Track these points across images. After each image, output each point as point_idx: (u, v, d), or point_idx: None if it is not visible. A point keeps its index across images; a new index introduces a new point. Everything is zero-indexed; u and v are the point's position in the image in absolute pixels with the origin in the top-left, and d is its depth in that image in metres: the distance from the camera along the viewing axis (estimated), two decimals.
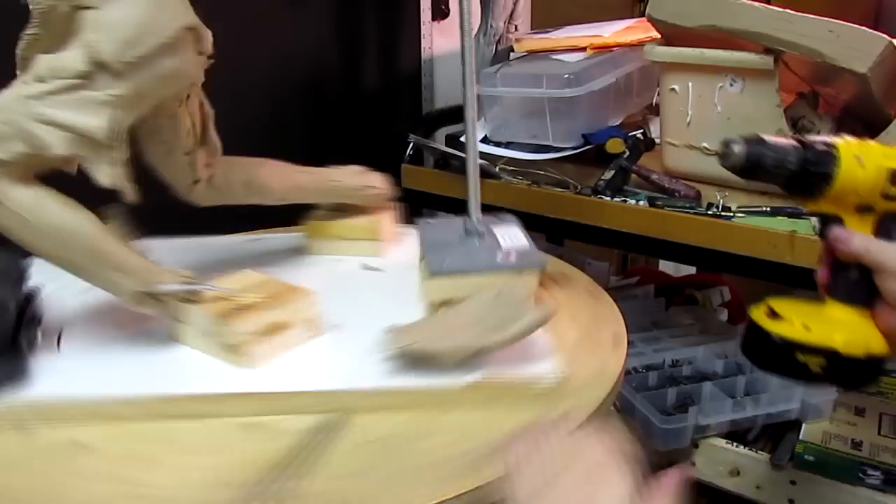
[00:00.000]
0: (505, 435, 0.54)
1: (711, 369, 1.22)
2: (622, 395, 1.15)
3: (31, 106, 0.63)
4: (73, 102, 0.63)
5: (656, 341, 1.29)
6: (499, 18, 1.34)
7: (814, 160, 0.65)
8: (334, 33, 1.46)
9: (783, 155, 0.65)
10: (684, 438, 1.11)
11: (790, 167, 0.65)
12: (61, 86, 0.63)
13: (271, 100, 1.28)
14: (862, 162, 0.65)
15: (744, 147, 0.65)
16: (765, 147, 0.65)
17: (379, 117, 1.52)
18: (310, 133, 1.41)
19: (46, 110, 0.63)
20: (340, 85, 1.49)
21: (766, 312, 0.71)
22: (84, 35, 0.64)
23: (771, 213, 1.02)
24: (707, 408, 1.12)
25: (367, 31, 1.53)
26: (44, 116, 0.63)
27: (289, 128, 1.36)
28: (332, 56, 1.47)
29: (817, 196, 0.67)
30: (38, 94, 0.63)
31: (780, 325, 0.69)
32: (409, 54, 1.59)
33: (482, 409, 0.65)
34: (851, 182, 0.65)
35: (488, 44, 1.34)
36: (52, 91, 0.63)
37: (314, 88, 1.43)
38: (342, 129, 1.46)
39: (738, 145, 0.65)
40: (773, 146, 0.65)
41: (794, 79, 1.11)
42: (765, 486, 1.09)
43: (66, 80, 0.63)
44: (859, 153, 0.66)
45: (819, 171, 0.65)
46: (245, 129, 0.64)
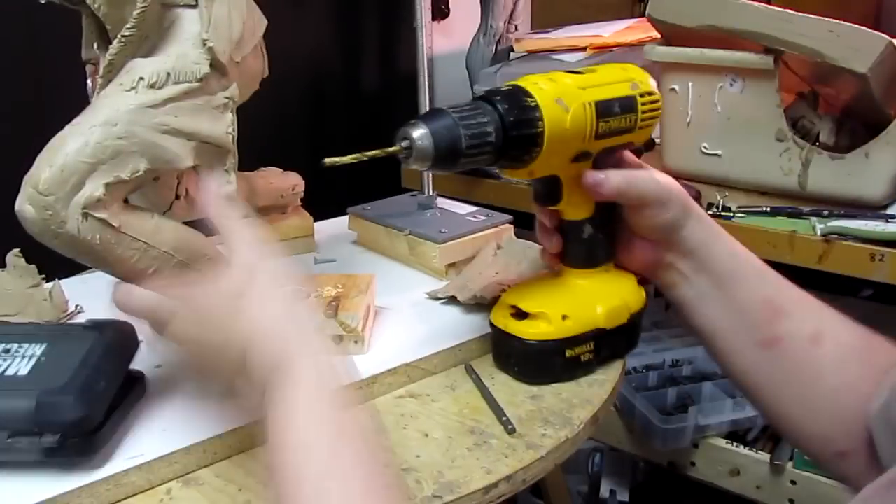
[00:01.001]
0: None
1: (711, 369, 1.22)
2: (622, 395, 1.16)
3: (152, 115, 0.54)
4: (195, 108, 0.57)
5: (656, 341, 1.29)
6: (499, 18, 1.34)
7: (515, 120, 0.54)
8: (334, 33, 1.46)
9: (480, 128, 0.53)
10: (684, 438, 1.11)
11: (490, 139, 0.53)
12: (181, 91, 0.56)
13: (271, 100, 1.28)
14: (564, 105, 0.56)
15: (427, 133, 0.52)
16: (453, 122, 0.52)
17: (379, 117, 1.52)
18: (310, 133, 1.41)
19: (170, 119, 0.55)
20: (340, 85, 1.49)
21: (513, 314, 0.64)
22: (189, 34, 0.58)
23: (771, 213, 1.02)
24: (707, 408, 1.12)
25: (367, 31, 1.53)
26: (169, 126, 0.55)
27: (288, 128, 1.36)
28: (332, 56, 1.47)
29: (528, 162, 0.57)
30: (158, 102, 0.55)
31: (535, 326, 0.62)
32: (409, 54, 1.58)
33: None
34: (560, 132, 0.56)
35: (488, 44, 1.34)
36: (172, 97, 0.55)
37: (314, 88, 1.43)
38: (342, 129, 1.46)
39: (419, 130, 0.52)
40: (463, 117, 0.53)
41: (794, 79, 1.11)
42: (765, 486, 1.09)
43: (186, 84, 0.56)
44: (558, 94, 0.56)
45: (525, 133, 0.55)
46: (245, 129, 0.63)
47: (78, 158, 0.52)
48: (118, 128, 0.53)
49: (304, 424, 0.45)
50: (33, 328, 0.60)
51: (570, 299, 0.64)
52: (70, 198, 0.52)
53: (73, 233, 0.52)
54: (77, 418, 0.50)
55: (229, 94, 0.59)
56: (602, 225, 0.64)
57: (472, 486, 0.53)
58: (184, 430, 0.56)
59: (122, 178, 0.53)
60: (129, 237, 0.55)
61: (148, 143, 0.54)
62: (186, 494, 0.53)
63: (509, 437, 0.58)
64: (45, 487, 0.50)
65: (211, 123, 0.58)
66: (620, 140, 0.62)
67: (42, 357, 0.54)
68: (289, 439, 0.45)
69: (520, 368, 0.65)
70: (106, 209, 0.53)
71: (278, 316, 0.50)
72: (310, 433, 0.45)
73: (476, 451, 0.56)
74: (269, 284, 0.51)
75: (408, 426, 0.60)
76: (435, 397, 0.64)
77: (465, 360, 0.69)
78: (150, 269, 0.56)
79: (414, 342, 0.69)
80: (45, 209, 0.51)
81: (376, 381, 0.64)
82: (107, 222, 0.53)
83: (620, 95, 0.60)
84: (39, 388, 0.51)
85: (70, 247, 0.53)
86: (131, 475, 0.53)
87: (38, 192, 0.51)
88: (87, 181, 0.52)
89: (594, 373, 0.66)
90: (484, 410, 0.61)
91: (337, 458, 0.44)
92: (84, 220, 0.52)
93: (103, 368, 0.54)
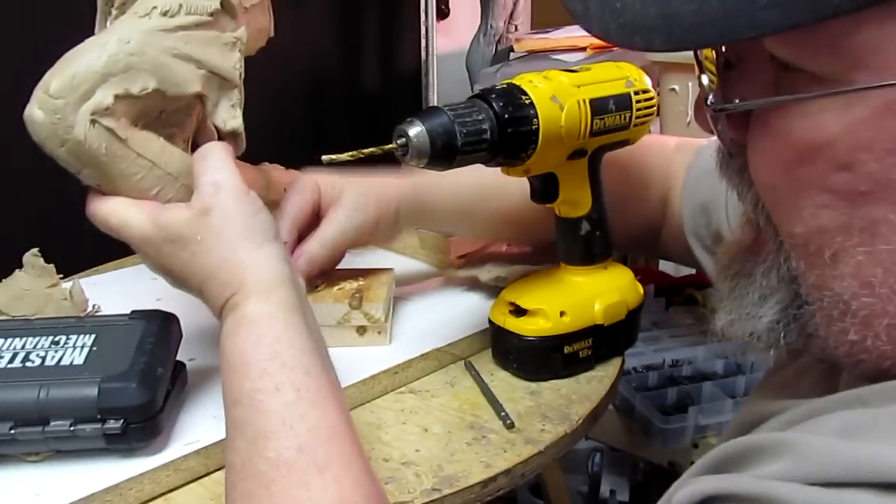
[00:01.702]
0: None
1: (711, 369, 1.22)
2: (622, 395, 1.15)
3: (163, 38, 0.55)
4: (205, 39, 0.58)
5: (656, 341, 1.29)
6: (499, 18, 1.34)
7: (510, 118, 0.54)
8: (334, 33, 1.46)
9: (475, 125, 0.54)
10: (684, 438, 1.11)
11: (486, 137, 0.54)
12: (192, 21, 0.57)
13: (271, 100, 1.28)
14: (559, 102, 0.57)
15: (423, 131, 0.53)
16: (448, 121, 0.53)
17: (379, 117, 1.52)
18: (310, 132, 1.41)
19: (181, 45, 0.56)
20: (341, 84, 1.49)
21: (511, 311, 0.65)
22: None
23: None
24: (707, 408, 1.12)
25: (368, 30, 1.53)
26: (179, 51, 0.56)
27: (289, 128, 1.36)
28: (333, 56, 1.47)
29: (524, 159, 0.57)
30: (170, 28, 0.56)
31: (534, 322, 0.63)
32: (409, 54, 1.59)
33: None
34: (555, 129, 0.57)
35: (488, 44, 1.34)
36: (183, 26, 0.57)
37: (315, 88, 1.43)
38: (342, 128, 1.46)
39: (415, 128, 0.53)
40: (458, 115, 0.53)
41: None
42: None
43: (198, 16, 0.57)
44: (553, 92, 0.57)
45: (520, 130, 0.55)
46: (245, 128, 0.64)
47: (90, 67, 0.53)
48: (131, 45, 0.54)
49: (241, 350, 0.47)
50: (75, 321, 0.60)
51: (568, 296, 0.64)
52: (80, 103, 0.52)
53: (80, 138, 0.52)
54: (141, 403, 0.51)
55: (238, 34, 0.60)
56: (599, 222, 0.64)
57: (471, 480, 0.53)
58: None
59: (132, 92, 0.54)
60: (134, 153, 0.54)
61: (158, 64, 0.55)
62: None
63: (508, 432, 0.58)
64: (106, 475, 0.51)
65: (220, 56, 0.59)
66: (616, 137, 0.63)
67: (94, 347, 0.55)
68: (229, 365, 0.47)
69: (518, 365, 0.65)
70: (114, 119, 0.53)
71: (235, 243, 0.50)
72: (247, 357, 0.47)
73: (475, 446, 0.57)
74: (232, 204, 0.51)
75: (407, 421, 0.60)
76: (434, 393, 0.64)
77: (464, 357, 0.69)
78: (153, 189, 0.55)
79: (416, 338, 0.69)
80: (53, 112, 0.51)
81: (376, 380, 0.64)
82: (114, 132, 0.53)
83: (615, 93, 0.61)
84: (100, 375, 0.52)
85: (75, 155, 0.53)
86: (190, 460, 0.54)
87: (49, 95, 0.52)
88: (97, 90, 0.53)
89: (593, 369, 0.67)
90: (483, 406, 0.62)
91: (269, 376, 0.46)
92: (91, 127, 0.52)
93: (158, 355, 0.55)
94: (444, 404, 0.62)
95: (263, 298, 0.49)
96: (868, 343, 0.35)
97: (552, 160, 0.59)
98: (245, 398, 0.46)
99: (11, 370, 0.53)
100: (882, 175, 0.32)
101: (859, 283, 0.34)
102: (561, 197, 0.62)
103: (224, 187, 0.51)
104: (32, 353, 0.55)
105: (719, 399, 1.13)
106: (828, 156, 0.33)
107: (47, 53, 0.55)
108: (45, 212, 1.00)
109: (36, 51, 0.57)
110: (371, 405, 0.63)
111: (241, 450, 0.44)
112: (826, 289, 0.35)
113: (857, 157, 0.32)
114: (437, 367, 0.67)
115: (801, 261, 0.37)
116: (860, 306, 0.34)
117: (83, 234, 0.81)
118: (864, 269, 0.34)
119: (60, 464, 0.52)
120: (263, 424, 0.44)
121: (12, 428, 0.50)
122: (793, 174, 0.35)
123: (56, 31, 0.75)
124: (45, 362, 0.54)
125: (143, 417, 0.52)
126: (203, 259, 0.50)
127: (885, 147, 0.31)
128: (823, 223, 0.34)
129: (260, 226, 0.51)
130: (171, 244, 0.51)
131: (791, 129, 0.34)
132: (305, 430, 0.44)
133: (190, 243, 0.50)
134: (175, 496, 0.53)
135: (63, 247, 0.55)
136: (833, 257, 0.34)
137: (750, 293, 0.40)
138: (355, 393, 0.62)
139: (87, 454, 0.52)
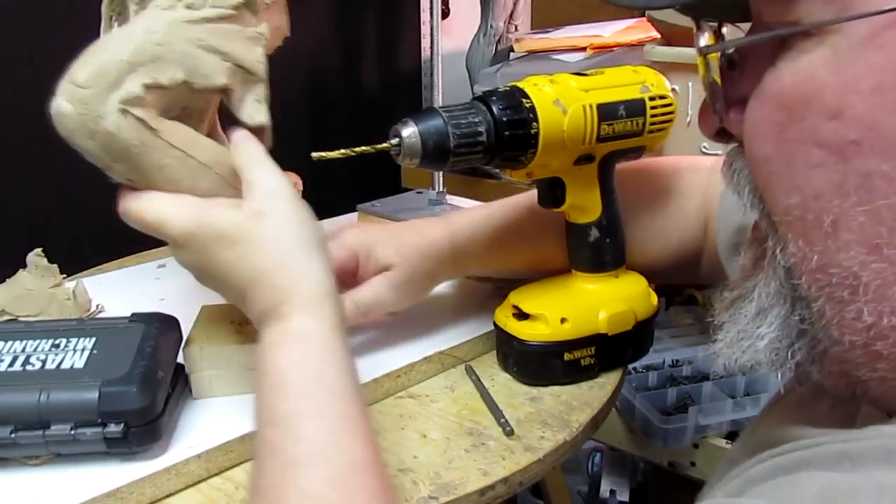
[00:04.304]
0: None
1: (711, 369, 1.22)
2: (622, 395, 1.15)
3: (189, 30, 0.55)
4: (229, 32, 0.57)
5: (656, 341, 1.28)
6: (499, 18, 1.34)
7: (508, 121, 0.54)
8: (334, 33, 1.46)
9: (470, 127, 0.53)
10: (684, 438, 1.11)
11: (481, 139, 0.54)
12: (216, 14, 0.56)
13: (272, 99, 1.28)
14: (562, 106, 0.56)
15: (416, 131, 0.53)
16: (442, 122, 0.53)
17: (379, 117, 1.52)
18: (310, 132, 1.41)
19: (206, 36, 0.55)
20: (341, 84, 1.49)
21: (515, 314, 0.64)
22: None
23: None
24: (707, 408, 1.12)
25: (367, 30, 1.53)
26: (205, 42, 0.55)
27: (289, 128, 1.36)
28: (333, 56, 1.47)
29: (525, 163, 0.56)
30: (196, 19, 0.55)
31: (534, 327, 0.62)
32: (410, 54, 1.59)
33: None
34: (556, 134, 0.56)
35: (488, 44, 1.34)
36: (208, 18, 0.56)
37: (315, 88, 1.43)
38: (342, 128, 1.46)
39: (408, 128, 0.53)
40: (453, 117, 0.53)
41: None
42: None
43: (222, 9, 0.57)
44: (557, 96, 0.56)
45: (518, 133, 0.54)
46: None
47: (117, 56, 0.52)
48: (157, 35, 0.53)
49: (285, 368, 0.46)
50: (76, 323, 0.60)
51: (572, 303, 0.63)
52: (109, 93, 0.51)
53: (111, 129, 0.51)
54: (141, 407, 0.51)
55: (261, 29, 0.59)
56: (609, 230, 0.63)
57: (469, 488, 0.53)
58: (236, 420, 0.56)
59: (161, 82, 0.52)
60: (167, 143, 0.53)
61: (185, 54, 0.54)
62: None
63: (507, 438, 0.58)
64: (107, 479, 0.51)
65: (244, 49, 0.58)
66: (627, 144, 0.62)
67: (94, 350, 0.55)
68: (270, 380, 0.46)
69: (518, 369, 0.65)
70: (144, 109, 0.52)
71: (288, 249, 0.50)
72: (290, 375, 0.46)
73: (473, 453, 0.56)
74: (287, 210, 0.51)
75: (406, 427, 0.60)
76: (434, 398, 0.64)
77: (467, 360, 0.69)
78: (187, 180, 0.54)
79: (419, 341, 0.69)
80: (82, 103, 0.50)
81: (378, 383, 0.63)
82: (145, 122, 0.52)
83: (627, 98, 0.60)
84: (101, 378, 0.52)
85: (106, 147, 0.51)
86: (191, 464, 0.53)
87: (77, 85, 0.50)
88: (126, 79, 0.51)
89: (597, 377, 0.66)
90: (483, 412, 0.61)
91: (311, 399, 0.45)
92: (122, 117, 0.51)
93: (159, 358, 0.55)
94: (444, 409, 0.62)
95: (312, 312, 0.48)
96: (885, 323, 0.34)
97: (556, 165, 0.59)
98: (282, 420, 0.44)
99: (12, 373, 0.53)
100: (870, 118, 0.32)
101: (866, 248, 0.33)
102: (568, 202, 0.62)
103: (280, 195, 0.51)
104: (33, 356, 0.55)
105: (719, 399, 1.13)
106: (817, 106, 0.33)
107: (48, 56, 0.54)
108: (48, 212, 1.00)
109: (36, 52, 0.57)
110: (370, 409, 0.62)
111: (271, 473, 0.43)
112: (832, 266, 0.35)
113: (844, 102, 0.32)
114: (440, 371, 0.67)
115: (799, 240, 0.36)
116: (871, 276, 0.33)
117: (86, 233, 0.82)
118: (868, 230, 0.33)
119: (61, 467, 0.52)
120: (298, 450, 0.43)
121: (13, 431, 0.50)
122: (785, 137, 0.35)
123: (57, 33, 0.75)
124: (46, 365, 0.54)
125: (143, 421, 0.52)
126: (253, 261, 0.49)
127: (870, 84, 0.32)
128: (818, 186, 0.34)
129: (312, 234, 0.51)
130: (216, 242, 0.50)
131: (783, 88, 0.35)
132: (340, 462, 0.43)
133: (239, 243, 0.49)
134: (175, 500, 0.53)
135: (66, 247, 0.55)
136: (833, 224, 0.34)
137: (747, 310, 0.40)
138: None
139: (88, 458, 0.52)
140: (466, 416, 0.61)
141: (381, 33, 1.55)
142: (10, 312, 0.70)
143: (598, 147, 0.59)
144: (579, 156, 0.59)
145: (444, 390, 0.65)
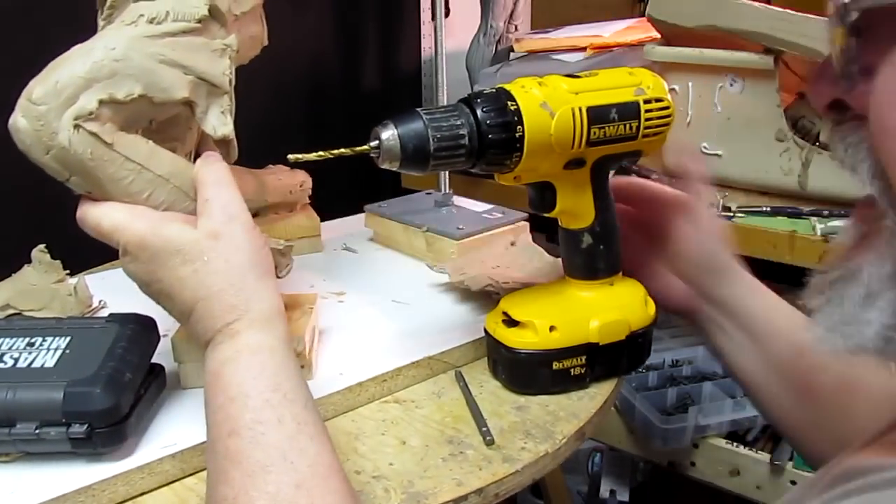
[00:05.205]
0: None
1: (711, 369, 1.22)
2: (622, 395, 1.15)
3: (150, 45, 0.56)
4: (193, 46, 0.58)
5: (656, 341, 1.29)
6: (499, 18, 1.34)
7: (491, 124, 0.53)
8: (334, 33, 1.46)
9: (451, 130, 0.52)
10: (684, 438, 1.11)
11: (463, 143, 0.53)
12: (179, 28, 0.57)
13: (271, 99, 1.28)
14: (550, 109, 0.55)
15: (394, 134, 0.52)
16: (422, 125, 0.52)
17: (379, 117, 1.53)
18: (310, 133, 1.41)
19: (167, 51, 0.56)
20: (341, 84, 1.49)
21: (504, 321, 0.63)
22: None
23: (771, 213, 1.02)
24: (707, 408, 1.12)
25: (367, 30, 1.53)
26: (166, 57, 0.56)
27: (289, 128, 1.37)
28: (332, 56, 1.47)
29: (510, 166, 0.55)
30: (157, 34, 0.56)
31: (522, 335, 0.61)
32: (410, 54, 1.59)
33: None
34: (543, 137, 0.54)
35: (488, 44, 1.34)
36: (171, 32, 0.57)
37: (314, 88, 1.43)
38: (342, 128, 1.47)
39: (387, 131, 0.52)
40: (434, 120, 0.52)
41: (794, 79, 1.10)
42: (765, 487, 1.08)
43: (185, 23, 0.57)
44: (545, 98, 0.55)
45: (502, 137, 0.53)
46: (244, 129, 0.64)
47: (73, 73, 0.53)
48: (116, 51, 0.54)
49: (241, 381, 0.47)
50: (55, 322, 0.61)
51: (563, 311, 0.62)
52: (63, 109, 0.52)
53: (65, 144, 0.52)
54: (105, 408, 0.52)
55: (228, 41, 0.60)
56: (603, 236, 0.62)
57: (440, 498, 0.52)
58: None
59: (117, 97, 0.54)
60: (122, 156, 0.54)
61: (145, 69, 0.55)
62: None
63: (487, 448, 0.57)
64: (75, 477, 0.51)
65: (208, 63, 0.58)
66: (621, 148, 0.60)
67: (67, 350, 0.56)
68: (227, 393, 0.47)
69: (506, 376, 0.64)
70: (98, 124, 0.53)
71: (241, 272, 0.51)
72: (248, 387, 0.47)
73: (450, 462, 0.56)
74: (243, 234, 0.52)
75: (387, 432, 0.60)
76: (419, 404, 0.63)
77: (457, 366, 0.68)
78: (144, 192, 0.55)
79: (407, 345, 0.68)
80: (37, 119, 0.52)
81: (362, 387, 0.63)
82: (99, 137, 0.53)
83: (619, 101, 0.58)
84: (67, 379, 0.52)
85: (61, 162, 0.53)
86: (165, 464, 0.54)
87: (31, 101, 0.52)
88: (81, 95, 0.53)
89: (588, 387, 0.64)
90: (466, 419, 0.60)
91: (271, 408, 0.46)
92: (75, 132, 0.52)
93: (128, 360, 0.55)
94: (427, 416, 0.61)
95: (264, 330, 0.50)
96: None
97: (544, 169, 0.57)
98: (244, 429, 0.45)
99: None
100: None
101: None
102: (559, 207, 0.60)
103: (237, 219, 0.52)
104: (7, 353, 0.55)
105: (719, 399, 1.13)
106: None
107: (48, 55, 0.55)
108: (53, 209, 1.01)
109: (36, 52, 0.58)
110: (353, 413, 0.62)
111: (237, 482, 0.44)
112: None
113: None
114: (429, 376, 0.67)
115: None
116: None
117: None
118: None
119: (33, 465, 0.53)
120: (263, 457, 0.44)
121: None
122: None
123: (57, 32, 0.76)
124: (18, 364, 0.55)
125: (107, 423, 0.52)
126: (206, 279, 0.50)
127: None
128: None
129: (265, 259, 0.53)
130: (170, 256, 0.51)
131: None
132: (305, 466, 0.44)
133: (193, 261, 0.50)
134: (147, 499, 0.53)
135: (71, 244, 0.56)
136: None
137: (852, 294, 0.36)
138: (340, 400, 0.62)
139: (60, 456, 0.53)
140: (449, 424, 0.60)
141: (381, 33, 1.55)
142: (14, 306, 0.72)
143: (589, 151, 0.58)
144: (569, 160, 0.58)
145: (430, 396, 0.64)
